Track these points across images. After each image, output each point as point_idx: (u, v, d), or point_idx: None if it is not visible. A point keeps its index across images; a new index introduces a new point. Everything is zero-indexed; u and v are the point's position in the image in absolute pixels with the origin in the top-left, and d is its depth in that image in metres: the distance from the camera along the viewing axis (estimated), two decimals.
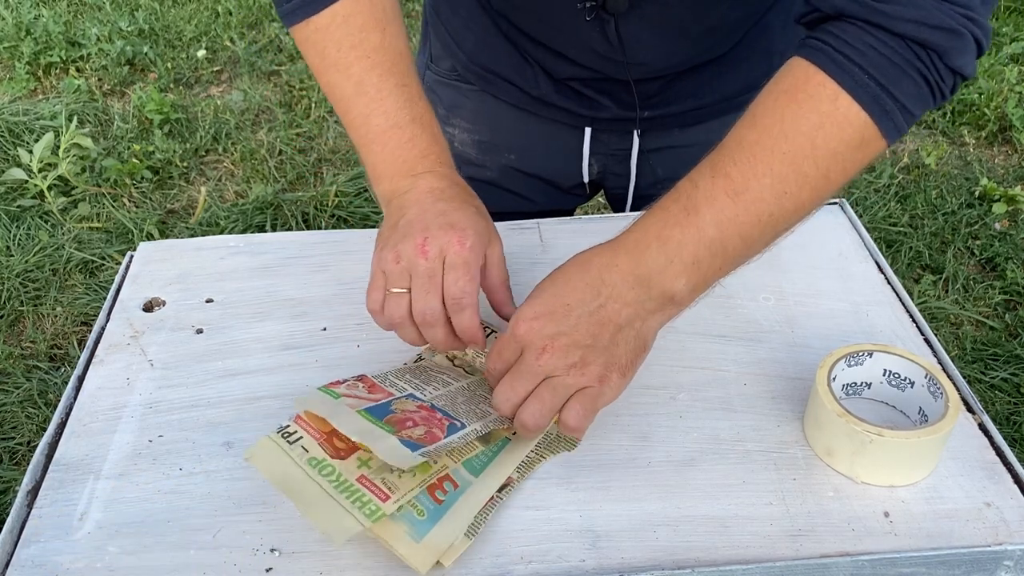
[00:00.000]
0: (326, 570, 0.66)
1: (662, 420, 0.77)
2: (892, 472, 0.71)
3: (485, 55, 1.04)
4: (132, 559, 0.67)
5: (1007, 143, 2.77)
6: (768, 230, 0.69)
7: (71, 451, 0.75)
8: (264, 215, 2.48)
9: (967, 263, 2.32)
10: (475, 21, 1.02)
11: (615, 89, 1.00)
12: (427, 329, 0.74)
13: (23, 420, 1.91)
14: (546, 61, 1.00)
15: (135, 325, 0.88)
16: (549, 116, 1.05)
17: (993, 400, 1.92)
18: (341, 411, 0.68)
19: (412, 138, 0.79)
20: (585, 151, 1.08)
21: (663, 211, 0.69)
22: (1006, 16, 3.38)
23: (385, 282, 0.75)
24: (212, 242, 0.99)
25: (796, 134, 0.66)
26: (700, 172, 0.69)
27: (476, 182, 0.80)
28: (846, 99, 0.66)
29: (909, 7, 0.64)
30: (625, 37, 0.92)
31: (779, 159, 0.66)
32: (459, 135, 1.11)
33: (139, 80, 3.14)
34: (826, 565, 0.66)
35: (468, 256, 0.73)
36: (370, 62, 0.79)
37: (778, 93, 0.68)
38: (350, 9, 0.79)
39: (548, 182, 1.12)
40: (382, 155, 0.80)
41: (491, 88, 1.06)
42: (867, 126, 0.66)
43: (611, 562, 0.66)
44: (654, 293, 0.68)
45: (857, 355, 0.75)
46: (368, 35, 0.79)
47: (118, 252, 2.35)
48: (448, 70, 1.08)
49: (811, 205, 0.69)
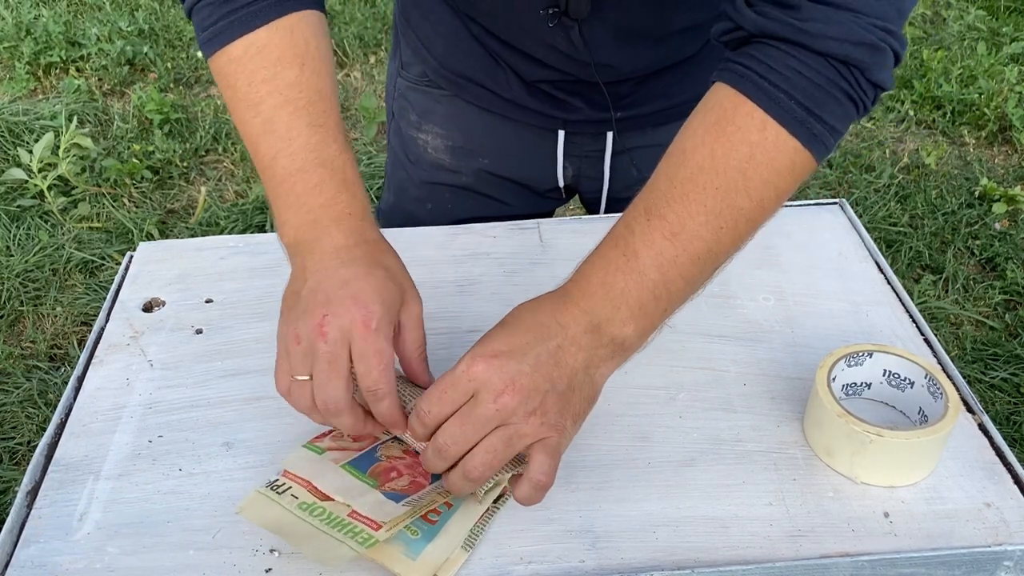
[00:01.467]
0: (326, 570, 0.66)
1: (662, 420, 0.77)
2: (892, 472, 0.71)
3: (456, 59, 1.03)
4: (132, 559, 0.67)
5: (1007, 143, 2.77)
6: (708, 266, 0.68)
7: (71, 451, 0.75)
8: (264, 215, 2.48)
9: (967, 263, 2.32)
10: (445, 26, 1.01)
11: (586, 91, 1.00)
12: (332, 419, 0.68)
13: (23, 420, 1.91)
14: (517, 64, 1.00)
15: (135, 325, 0.88)
16: (522, 119, 1.05)
17: (993, 400, 1.92)
18: (325, 468, 0.70)
19: (319, 183, 0.71)
20: (559, 154, 1.07)
21: (602, 258, 0.66)
22: (1006, 16, 3.38)
23: (289, 366, 0.68)
24: (212, 242, 0.99)
25: (727, 168, 0.65)
26: (634, 215, 0.66)
27: (450, 188, 0.75)
28: (774, 127, 0.65)
29: (831, 24, 0.63)
30: (590, 41, 0.92)
31: (712, 195, 0.65)
32: (432, 141, 1.10)
33: (139, 80, 3.14)
34: (826, 565, 0.66)
35: (375, 340, 0.66)
36: (282, 98, 0.72)
37: (707, 126, 0.66)
38: (265, 40, 0.72)
39: (523, 186, 1.12)
40: (286, 200, 0.72)
41: (463, 92, 1.05)
42: (797, 151, 0.66)
43: (611, 562, 0.66)
44: (605, 340, 0.65)
45: (857, 355, 0.75)
46: (284, 69, 0.72)
47: (118, 252, 2.35)
48: (419, 76, 1.08)
49: (748, 234, 0.69)
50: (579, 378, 0.64)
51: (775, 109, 0.65)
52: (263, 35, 0.72)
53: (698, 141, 0.66)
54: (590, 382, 0.65)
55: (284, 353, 0.68)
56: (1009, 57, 3.09)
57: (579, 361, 0.64)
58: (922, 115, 2.89)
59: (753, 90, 0.65)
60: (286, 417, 0.78)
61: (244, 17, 0.72)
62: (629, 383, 0.80)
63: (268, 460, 0.74)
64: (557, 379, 0.63)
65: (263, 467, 0.74)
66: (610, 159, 1.08)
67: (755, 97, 0.65)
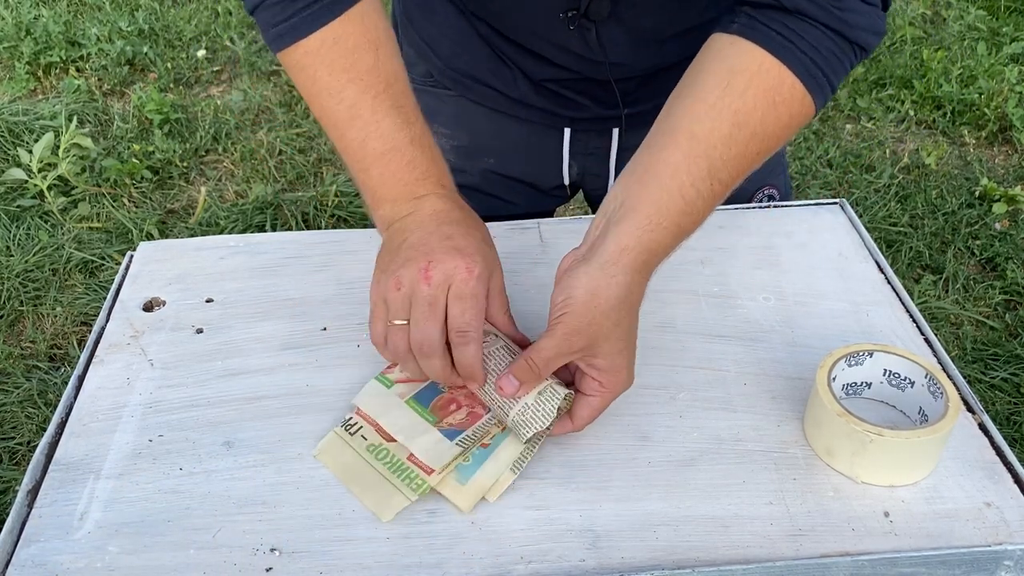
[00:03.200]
0: (326, 570, 0.66)
1: (662, 420, 0.77)
2: (892, 472, 0.71)
3: (462, 59, 1.03)
4: (132, 559, 0.67)
5: (1007, 143, 2.77)
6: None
7: (71, 451, 0.75)
8: (264, 215, 2.48)
9: (967, 263, 2.32)
10: (450, 26, 1.01)
11: (593, 89, 1.00)
12: (424, 360, 0.71)
13: (23, 420, 1.91)
14: (524, 63, 1.00)
15: (135, 325, 0.88)
16: (528, 118, 1.05)
17: (993, 400, 1.92)
18: (391, 404, 0.76)
19: (412, 160, 0.76)
20: (565, 152, 1.08)
21: (675, 225, 0.71)
22: (1006, 16, 3.38)
23: (387, 312, 0.72)
24: (212, 242, 0.99)
25: (771, 136, 0.72)
26: (699, 174, 0.70)
27: (457, 188, 0.78)
28: (810, 102, 0.73)
29: (863, 16, 0.72)
30: (605, 42, 0.93)
31: (754, 160, 0.73)
32: (438, 141, 1.09)
33: (139, 80, 3.14)
34: (826, 565, 0.66)
35: (475, 286, 0.71)
36: (363, 84, 0.76)
37: (759, 92, 0.71)
38: (340, 31, 0.76)
39: (529, 185, 1.12)
40: (381, 179, 0.77)
41: (469, 92, 1.05)
42: (811, 114, 0.74)
43: (611, 562, 0.66)
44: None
45: (857, 355, 0.75)
46: (361, 56, 0.76)
47: (118, 252, 2.35)
48: (423, 76, 1.07)
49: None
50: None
51: (813, 86, 0.72)
52: (337, 27, 0.76)
53: (751, 105, 0.71)
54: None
55: (380, 302, 0.73)
56: (1009, 57, 3.09)
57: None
58: (922, 115, 2.89)
59: (798, 67, 0.71)
60: (286, 417, 0.78)
61: (317, 11, 0.75)
62: None
63: (268, 459, 0.74)
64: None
65: (263, 466, 0.74)
66: (616, 155, 1.08)
67: (801, 75, 0.71)
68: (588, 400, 0.72)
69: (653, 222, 0.69)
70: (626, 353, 0.71)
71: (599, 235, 0.71)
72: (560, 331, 0.69)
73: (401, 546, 0.67)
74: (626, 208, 0.70)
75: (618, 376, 0.71)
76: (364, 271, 0.77)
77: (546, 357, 0.69)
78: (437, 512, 0.70)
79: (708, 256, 0.95)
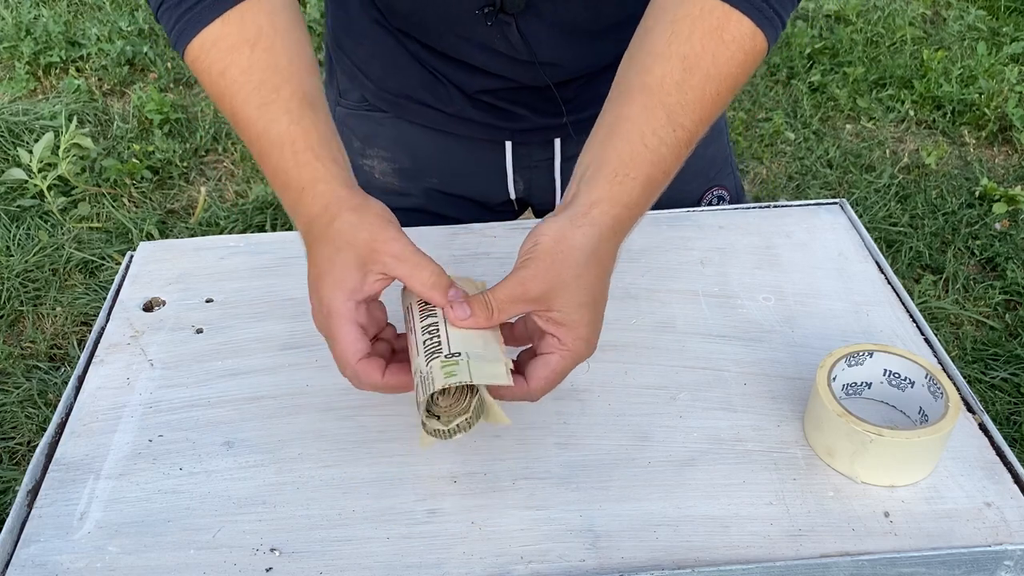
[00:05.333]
0: (326, 570, 0.66)
1: (662, 420, 0.77)
2: (892, 472, 0.71)
3: (394, 80, 1.02)
4: (132, 559, 0.67)
5: (1007, 143, 2.77)
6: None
7: (71, 451, 0.75)
8: (264, 215, 2.48)
9: (967, 263, 2.32)
10: (380, 47, 1.00)
11: (530, 98, 0.99)
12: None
13: (23, 420, 1.91)
14: (457, 76, 0.98)
15: (135, 325, 0.88)
16: (468, 133, 1.03)
17: (993, 400, 1.92)
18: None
19: (276, 166, 0.71)
20: (508, 166, 1.06)
21: (649, 179, 0.69)
22: (1006, 16, 3.38)
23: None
24: (212, 242, 0.99)
25: (726, 76, 0.71)
26: (659, 122, 0.69)
27: (402, 211, 0.75)
28: (760, 36, 0.71)
29: None
30: (529, 38, 0.91)
31: (712, 102, 0.71)
32: (379, 165, 1.08)
33: (139, 80, 3.14)
34: (826, 565, 0.66)
35: (336, 338, 0.68)
36: (236, 87, 0.72)
37: (705, 32, 0.70)
38: (218, 32, 0.72)
39: (475, 202, 1.10)
40: (273, 188, 0.74)
41: (405, 113, 1.04)
42: (765, 50, 0.73)
43: (611, 562, 0.66)
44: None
45: (857, 355, 0.75)
46: (235, 58, 0.72)
47: (118, 252, 2.35)
48: (358, 101, 1.06)
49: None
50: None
51: (762, 19, 0.71)
52: (216, 28, 0.72)
53: (698, 47, 0.70)
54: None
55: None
56: (1009, 57, 3.09)
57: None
58: (922, 115, 2.89)
59: (743, 4, 0.70)
60: (286, 416, 0.78)
61: (198, 13, 0.72)
62: (629, 383, 0.80)
63: (268, 459, 0.74)
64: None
65: (263, 466, 0.74)
66: (560, 166, 1.06)
67: (746, 10, 0.70)
68: (545, 359, 0.68)
69: (620, 174, 0.68)
70: (586, 311, 0.67)
71: (571, 197, 0.70)
72: (520, 274, 0.67)
73: (401, 546, 0.67)
74: (593, 168, 0.69)
75: (576, 332, 0.67)
76: None
77: (501, 299, 0.67)
78: (437, 512, 0.70)
79: (708, 256, 0.95)
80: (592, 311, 0.68)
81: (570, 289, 0.66)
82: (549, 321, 0.67)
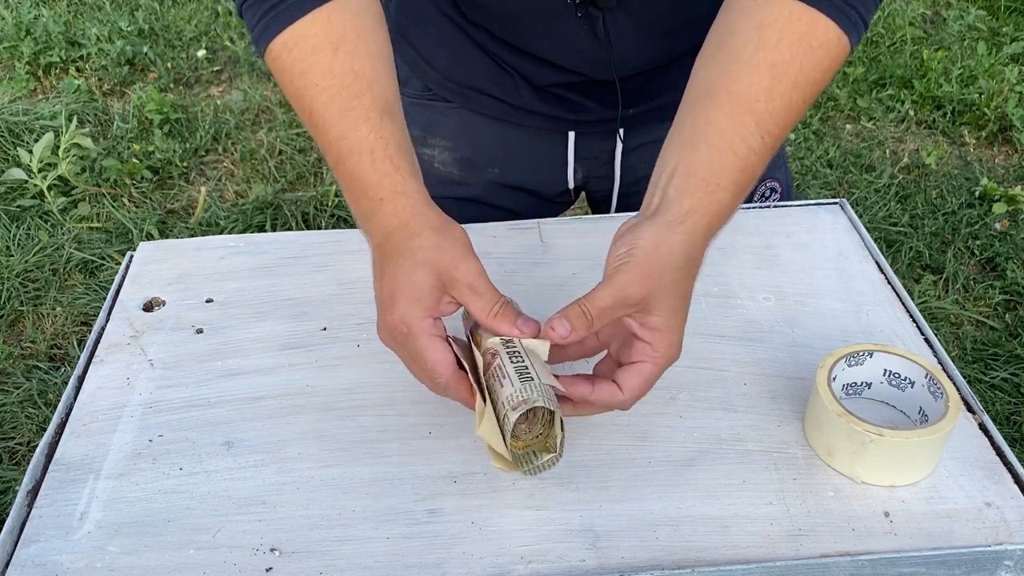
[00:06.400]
0: (326, 570, 0.66)
1: (662, 420, 0.77)
2: (892, 472, 0.71)
3: (460, 70, 1.02)
4: (132, 559, 0.67)
5: (1007, 143, 2.77)
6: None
7: (71, 451, 0.75)
8: (264, 215, 2.48)
9: (967, 263, 2.32)
10: (447, 37, 1.00)
11: (597, 90, 0.99)
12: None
13: (23, 420, 1.91)
14: (527, 69, 0.99)
15: (135, 325, 0.88)
16: (532, 124, 1.04)
17: (993, 400, 1.92)
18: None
19: (350, 174, 0.71)
20: (570, 156, 1.07)
21: (734, 184, 0.69)
22: (1006, 16, 3.38)
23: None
24: (212, 242, 0.99)
25: (812, 82, 0.70)
26: (748, 129, 0.69)
27: (457, 200, 0.74)
28: (846, 41, 0.70)
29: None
30: (612, 33, 0.92)
31: (799, 110, 0.70)
32: (439, 155, 1.08)
33: (139, 80, 3.14)
34: (826, 565, 0.66)
35: (414, 342, 0.67)
36: (317, 89, 0.71)
37: (794, 39, 0.69)
38: (302, 32, 0.71)
39: (533, 193, 1.11)
40: (345, 194, 0.74)
41: (469, 103, 1.04)
42: (847, 53, 0.72)
43: (611, 562, 0.66)
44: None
45: (857, 355, 0.75)
46: (318, 59, 0.71)
47: (118, 252, 2.35)
48: (420, 90, 1.06)
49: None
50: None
51: (848, 25, 0.70)
52: (299, 28, 0.71)
53: (786, 55, 0.69)
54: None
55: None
56: (1009, 57, 3.09)
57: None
58: (922, 115, 2.89)
59: (830, 9, 0.69)
60: (286, 416, 0.78)
61: (283, 12, 0.71)
62: None
63: (268, 459, 0.74)
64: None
65: (263, 466, 0.74)
66: (620, 157, 1.07)
67: (833, 16, 0.69)
68: (639, 367, 0.67)
69: (711, 183, 0.67)
70: (680, 315, 0.67)
71: (659, 202, 0.68)
72: (619, 280, 0.65)
73: (401, 546, 0.67)
74: (680, 174, 0.68)
75: (671, 338, 0.67)
76: (364, 271, 0.77)
77: (601, 307, 0.65)
78: (437, 512, 0.70)
79: (708, 256, 0.94)
80: (683, 315, 0.68)
81: (669, 294, 0.66)
82: (644, 326, 0.66)
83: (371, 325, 0.79)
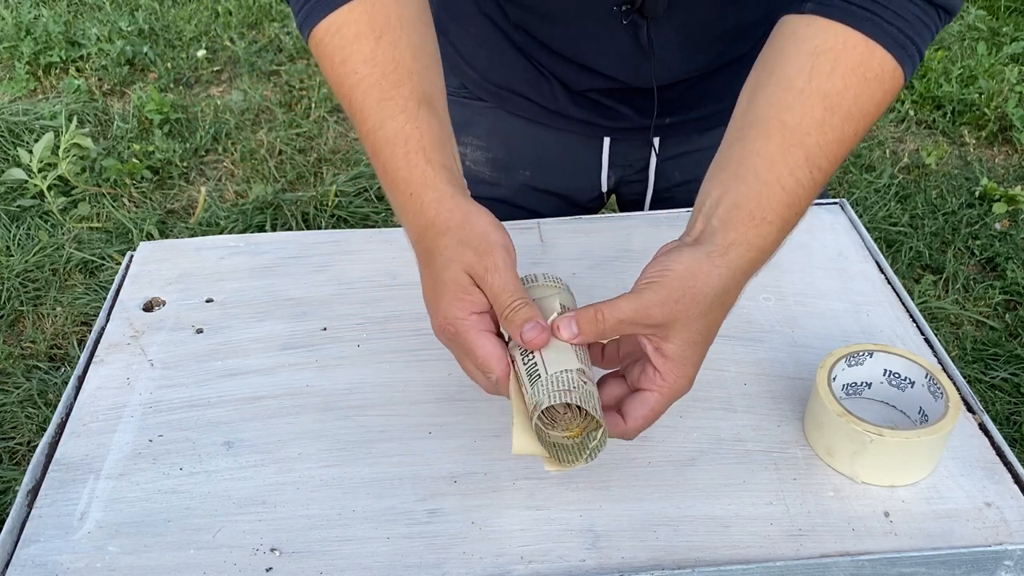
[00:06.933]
0: (326, 570, 0.66)
1: (662, 420, 0.77)
2: (892, 472, 0.71)
3: (498, 71, 1.02)
4: (132, 559, 0.67)
5: (1007, 143, 2.77)
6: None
7: (71, 451, 0.75)
8: (264, 215, 2.48)
9: (967, 263, 2.32)
10: (487, 37, 1.00)
11: (634, 97, 0.99)
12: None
13: (23, 420, 1.91)
14: (565, 74, 0.98)
15: (135, 325, 0.88)
16: (567, 128, 1.03)
17: (993, 400, 1.92)
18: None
19: (385, 165, 0.70)
20: (604, 162, 1.06)
21: (780, 217, 0.67)
22: (1006, 16, 3.38)
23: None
24: (212, 242, 0.99)
25: (865, 114, 0.68)
26: (796, 162, 0.67)
27: (488, 201, 0.74)
28: (900, 74, 0.69)
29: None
30: (655, 42, 0.91)
31: (851, 141, 0.68)
32: (471, 154, 1.08)
33: (139, 80, 3.14)
34: (826, 565, 0.66)
35: (462, 341, 0.66)
36: (357, 77, 0.70)
37: (848, 69, 0.67)
38: (345, 18, 0.71)
39: (563, 197, 1.10)
40: (385, 184, 0.72)
41: (505, 104, 1.04)
42: (902, 86, 0.70)
43: (611, 562, 0.66)
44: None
45: (857, 355, 0.75)
46: (360, 46, 0.70)
47: (118, 252, 2.35)
48: (456, 88, 1.06)
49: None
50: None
51: (904, 57, 0.68)
52: (343, 14, 0.71)
53: (840, 85, 0.67)
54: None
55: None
56: (1009, 57, 3.09)
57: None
58: (922, 115, 2.89)
59: (887, 40, 0.67)
60: (286, 416, 0.78)
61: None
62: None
63: (268, 459, 0.74)
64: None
65: (263, 466, 0.74)
66: (655, 165, 1.06)
67: (889, 47, 0.67)
68: (644, 397, 0.65)
69: (757, 217, 0.65)
70: (699, 350, 0.65)
71: (702, 229, 0.66)
72: (644, 296, 0.63)
73: (401, 546, 0.67)
74: (726, 205, 0.66)
75: (683, 370, 0.65)
76: (364, 271, 0.77)
77: (618, 317, 0.63)
78: (437, 512, 0.70)
79: None
80: (702, 350, 0.66)
81: (692, 326, 0.64)
82: (658, 352, 0.64)
83: (371, 325, 0.79)
